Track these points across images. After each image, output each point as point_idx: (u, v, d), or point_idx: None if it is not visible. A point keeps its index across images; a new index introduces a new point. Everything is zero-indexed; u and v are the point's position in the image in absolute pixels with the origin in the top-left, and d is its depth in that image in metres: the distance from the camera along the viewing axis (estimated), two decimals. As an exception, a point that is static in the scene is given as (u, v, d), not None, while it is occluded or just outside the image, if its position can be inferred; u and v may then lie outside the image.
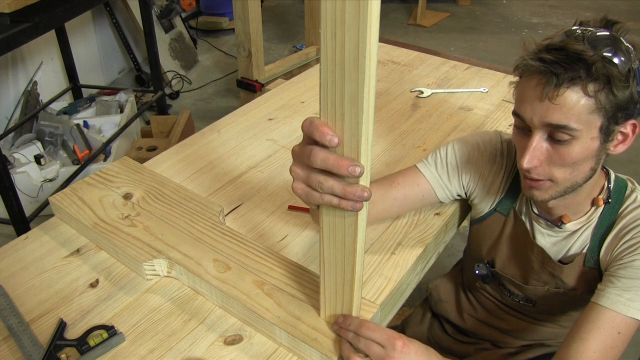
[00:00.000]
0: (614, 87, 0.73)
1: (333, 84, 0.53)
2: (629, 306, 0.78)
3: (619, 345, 0.79)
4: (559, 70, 0.73)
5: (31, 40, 1.92)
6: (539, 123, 0.77)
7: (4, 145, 2.47)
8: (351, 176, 0.56)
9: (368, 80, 0.51)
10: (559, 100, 0.74)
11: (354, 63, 0.50)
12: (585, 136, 0.76)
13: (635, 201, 0.88)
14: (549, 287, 0.96)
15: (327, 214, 0.63)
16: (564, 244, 0.93)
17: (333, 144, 0.55)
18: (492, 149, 0.98)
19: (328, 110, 0.55)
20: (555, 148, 0.78)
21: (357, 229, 0.61)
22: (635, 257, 0.81)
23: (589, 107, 0.74)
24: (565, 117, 0.74)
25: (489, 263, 1.05)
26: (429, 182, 0.98)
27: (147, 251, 0.89)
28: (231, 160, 1.21)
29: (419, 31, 4.45)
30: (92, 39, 3.35)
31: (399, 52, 1.76)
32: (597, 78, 0.72)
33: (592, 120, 0.75)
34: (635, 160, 2.76)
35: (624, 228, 0.86)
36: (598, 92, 0.73)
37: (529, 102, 0.77)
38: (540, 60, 0.74)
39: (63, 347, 0.77)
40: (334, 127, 0.55)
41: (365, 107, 0.52)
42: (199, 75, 3.72)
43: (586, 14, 4.58)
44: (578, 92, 0.73)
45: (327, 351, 0.72)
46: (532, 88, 0.76)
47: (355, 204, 0.57)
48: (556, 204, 0.89)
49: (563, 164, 0.79)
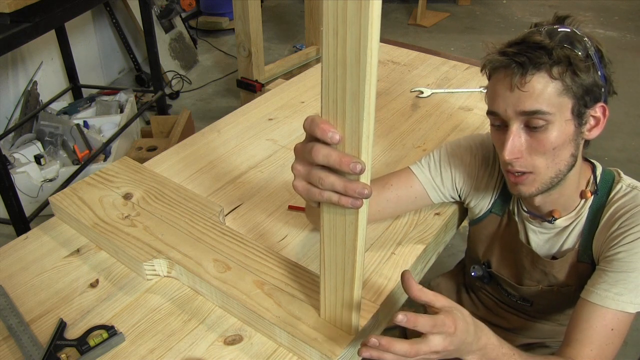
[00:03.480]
0: (576, 69, 0.76)
1: (335, 81, 0.53)
2: (618, 300, 0.79)
3: (615, 341, 0.80)
4: (522, 59, 0.76)
5: (31, 40, 1.92)
6: (512, 113, 0.79)
7: (4, 145, 2.47)
8: (352, 173, 0.56)
9: (369, 78, 0.51)
10: (528, 87, 0.76)
11: (355, 60, 0.51)
12: (559, 120, 0.78)
13: (620, 191, 0.88)
14: (543, 285, 0.97)
15: (327, 211, 0.63)
16: (555, 240, 0.93)
17: (334, 140, 0.55)
18: (485, 151, 0.98)
19: (330, 107, 0.55)
20: (534, 136, 0.79)
21: (358, 227, 0.61)
22: (620, 250, 0.82)
23: (557, 89, 0.77)
24: (536, 102, 0.77)
25: (485, 264, 1.05)
26: (421, 184, 0.98)
27: (147, 251, 0.89)
28: (231, 160, 1.21)
29: (419, 31, 4.45)
30: (92, 39, 3.35)
31: (399, 52, 1.76)
32: (560, 61, 0.76)
33: (562, 103, 0.78)
34: (635, 160, 2.76)
35: (611, 218, 0.86)
36: (563, 74, 0.76)
37: (500, 96, 0.80)
38: (504, 54, 0.78)
39: (63, 347, 0.77)
40: (335, 124, 0.56)
41: (367, 105, 0.52)
42: (199, 75, 3.72)
43: (586, 14, 4.58)
44: (544, 77, 0.76)
45: (327, 351, 0.72)
46: (500, 82, 0.80)
47: (355, 201, 0.57)
48: (544, 200, 0.89)
49: (544, 151, 0.80)
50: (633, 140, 2.89)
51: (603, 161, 0.93)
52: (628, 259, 0.81)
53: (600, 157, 0.83)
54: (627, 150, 2.83)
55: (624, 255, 0.81)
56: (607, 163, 0.91)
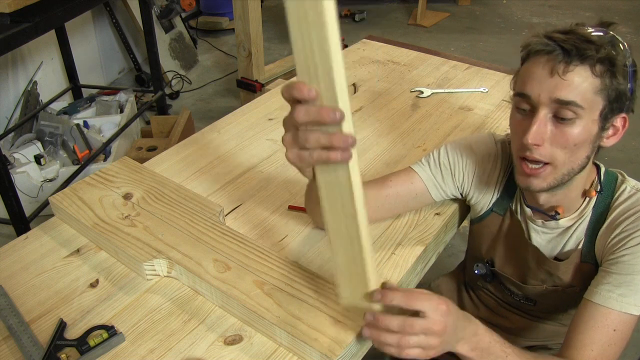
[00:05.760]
0: (616, 72, 0.76)
1: (302, 39, 0.57)
2: (622, 302, 0.79)
3: (618, 342, 0.80)
4: (569, 47, 0.75)
5: (31, 40, 1.92)
6: (546, 99, 0.78)
7: (4, 145, 2.47)
8: (333, 122, 0.59)
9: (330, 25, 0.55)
10: (569, 77, 0.76)
11: (315, 13, 0.55)
12: (587, 117, 0.78)
13: (625, 193, 0.88)
14: (547, 285, 0.96)
15: (321, 172, 0.65)
16: (558, 240, 0.93)
17: (311, 95, 0.59)
18: (486, 149, 0.98)
19: (302, 67, 0.59)
20: (559, 127, 0.79)
21: (352, 185, 0.63)
22: (625, 252, 0.82)
23: (595, 87, 0.76)
24: (572, 94, 0.76)
25: (489, 262, 1.05)
26: (422, 180, 0.98)
27: (147, 251, 0.89)
28: (231, 160, 1.21)
29: (419, 31, 4.44)
30: (92, 39, 3.35)
31: (399, 52, 1.76)
32: (604, 60, 0.76)
33: (595, 101, 0.77)
34: (635, 160, 2.76)
35: (615, 220, 0.86)
36: (603, 73, 0.76)
37: (537, 80, 0.78)
38: (550, 39, 0.77)
39: (63, 347, 0.76)
40: (310, 83, 0.59)
41: (334, 52, 0.56)
42: (199, 75, 3.72)
43: (586, 14, 4.58)
44: (587, 71, 0.76)
45: (327, 351, 0.72)
46: (541, 65, 0.78)
47: (344, 153, 0.60)
48: (548, 200, 0.89)
49: (565, 145, 0.79)
50: (633, 140, 2.89)
51: (603, 161, 0.93)
52: (633, 261, 0.81)
53: (600, 157, 0.83)
54: (627, 150, 2.83)
55: (629, 258, 0.81)
56: (607, 163, 0.91)
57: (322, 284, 0.82)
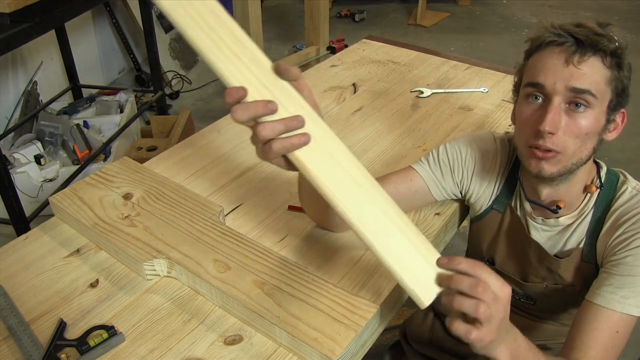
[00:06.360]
0: (623, 65, 0.80)
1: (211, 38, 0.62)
2: (624, 303, 0.79)
3: (619, 344, 0.80)
4: (583, 39, 0.78)
5: (31, 40, 1.92)
6: (561, 88, 0.79)
7: (4, 145, 2.47)
8: (271, 111, 0.62)
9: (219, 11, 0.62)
10: (583, 66, 0.78)
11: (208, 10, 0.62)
12: (599, 107, 0.80)
13: (626, 193, 0.88)
14: (548, 283, 0.97)
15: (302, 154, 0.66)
16: (557, 238, 0.93)
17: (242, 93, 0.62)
18: (485, 146, 0.99)
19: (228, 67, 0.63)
20: (572, 116, 0.80)
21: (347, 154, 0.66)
22: (627, 254, 0.82)
23: (606, 77, 0.79)
24: (587, 82, 0.78)
25: (489, 260, 1.05)
26: (422, 178, 0.99)
27: (147, 251, 0.89)
28: (231, 160, 1.21)
29: (419, 31, 4.45)
30: (92, 39, 3.35)
31: (399, 52, 1.76)
32: (614, 54, 0.79)
33: (606, 92, 0.80)
34: (635, 160, 2.76)
35: (617, 222, 0.86)
36: (613, 66, 0.79)
37: (551, 69, 0.80)
38: (565, 30, 0.80)
39: (63, 347, 0.77)
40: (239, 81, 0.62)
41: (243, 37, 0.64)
42: (199, 75, 3.72)
43: (586, 14, 4.58)
44: (599, 62, 0.79)
45: (327, 351, 0.72)
46: (555, 55, 0.80)
47: (303, 137, 0.64)
48: (550, 194, 0.89)
49: (577, 134, 0.80)
50: (633, 140, 2.89)
51: (603, 161, 0.93)
52: (635, 263, 0.81)
53: (600, 157, 0.83)
54: (627, 150, 2.83)
55: (631, 259, 0.81)
56: (607, 163, 0.91)
57: (322, 284, 0.82)
